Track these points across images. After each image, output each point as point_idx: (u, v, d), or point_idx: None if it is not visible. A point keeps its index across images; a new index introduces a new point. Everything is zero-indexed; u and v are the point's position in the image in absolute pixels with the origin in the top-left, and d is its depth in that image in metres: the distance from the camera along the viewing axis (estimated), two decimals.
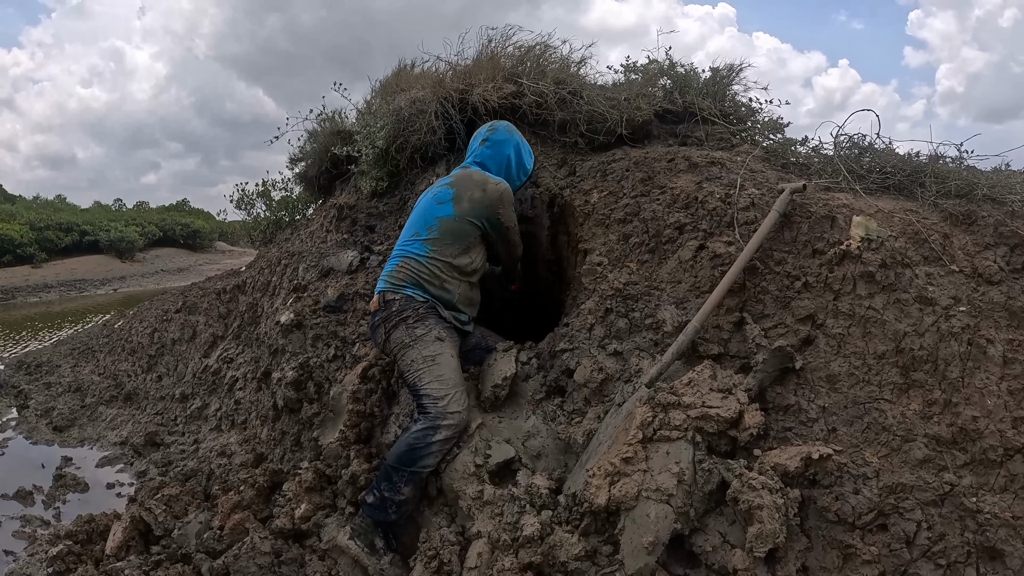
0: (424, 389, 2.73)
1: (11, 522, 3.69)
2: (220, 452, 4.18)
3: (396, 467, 2.64)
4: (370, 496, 2.69)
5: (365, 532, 2.67)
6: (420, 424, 2.67)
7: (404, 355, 2.83)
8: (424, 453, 2.62)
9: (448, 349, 2.84)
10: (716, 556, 2.09)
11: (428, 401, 2.70)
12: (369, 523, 2.67)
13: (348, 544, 2.65)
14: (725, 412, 2.26)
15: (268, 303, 4.86)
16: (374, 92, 5.09)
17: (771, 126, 3.98)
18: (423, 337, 2.82)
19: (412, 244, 3.01)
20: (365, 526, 2.68)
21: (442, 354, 2.80)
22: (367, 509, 2.69)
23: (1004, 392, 2.15)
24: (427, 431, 2.64)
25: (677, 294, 2.79)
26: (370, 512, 2.67)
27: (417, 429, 2.66)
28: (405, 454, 2.63)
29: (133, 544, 3.09)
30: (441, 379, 2.73)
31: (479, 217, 3.01)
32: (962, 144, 3.09)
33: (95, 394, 6.28)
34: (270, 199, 7.30)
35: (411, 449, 2.63)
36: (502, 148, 3.23)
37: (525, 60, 4.05)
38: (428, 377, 2.74)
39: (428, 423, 2.65)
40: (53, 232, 24.27)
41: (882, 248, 2.47)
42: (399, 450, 2.66)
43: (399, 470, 2.63)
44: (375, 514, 2.67)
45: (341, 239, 4.45)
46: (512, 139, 3.26)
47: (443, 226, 2.99)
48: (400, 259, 3.00)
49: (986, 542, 1.94)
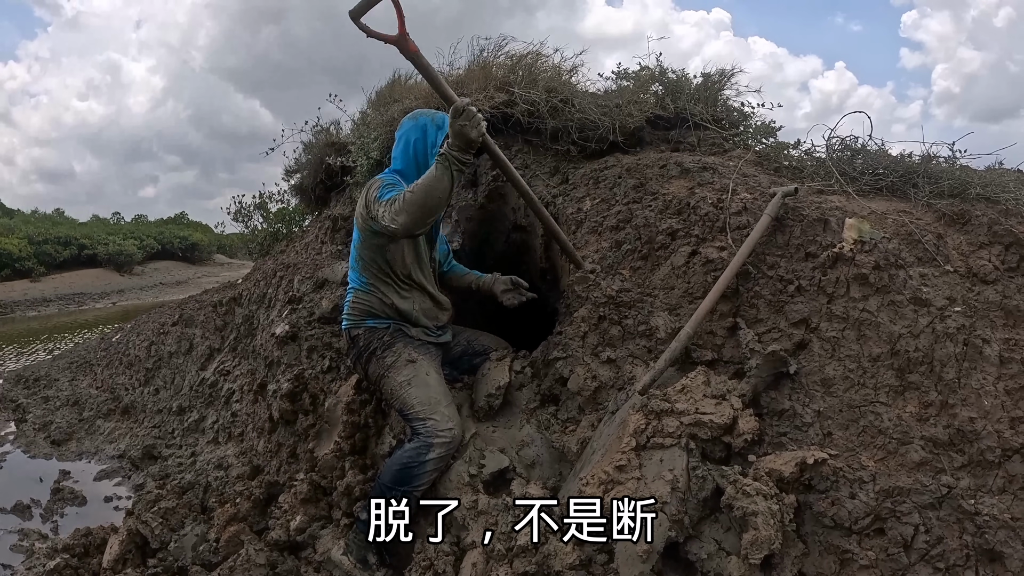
0: (409, 412, 2.69)
1: (9, 536, 3.68)
2: (217, 464, 4.17)
3: (391, 487, 2.59)
4: (364, 513, 2.65)
5: (358, 547, 2.64)
6: (413, 443, 2.63)
7: (383, 385, 2.80)
8: (418, 472, 2.57)
9: (424, 367, 2.77)
10: (712, 563, 2.07)
11: (417, 423, 2.65)
12: (363, 538, 2.64)
13: (341, 559, 2.64)
14: (719, 418, 2.25)
15: (264, 315, 4.86)
16: (368, 103, 5.10)
17: (763, 130, 3.98)
18: (394, 364, 2.77)
19: (352, 275, 2.93)
20: (359, 541, 2.65)
21: (417, 375, 2.74)
22: (360, 525, 2.66)
23: (1001, 392, 2.14)
24: (420, 450, 2.59)
25: (670, 300, 2.78)
26: (364, 528, 2.63)
27: (410, 448, 2.62)
28: (399, 473, 2.59)
29: (130, 557, 3.08)
30: (422, 400, 2.68)
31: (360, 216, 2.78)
32: (954, 144, 3.09)
33: (93, 407, 6.27)
34: (267, 211, 7.31)
35: (405, 468, 2.58)
36: (404, 138, 2.88)
37: (517, 69, 4.06)
38: (411, 400, 2.69)
39: (420, 443, 2.61)
40: (51, 246, 24.30)
41: (875, 250, 2.47)
42: (393, 469, 2.61)
43: (392, 489, 2.58)
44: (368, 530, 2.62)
45: (336, 250, 4.46)
46: (411, 124, 2.90)
47: (357, 246, 2.86)
48: (351, 293, 2.92)
49: (985, 544, 1.92)
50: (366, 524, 2.61)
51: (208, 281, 22.26)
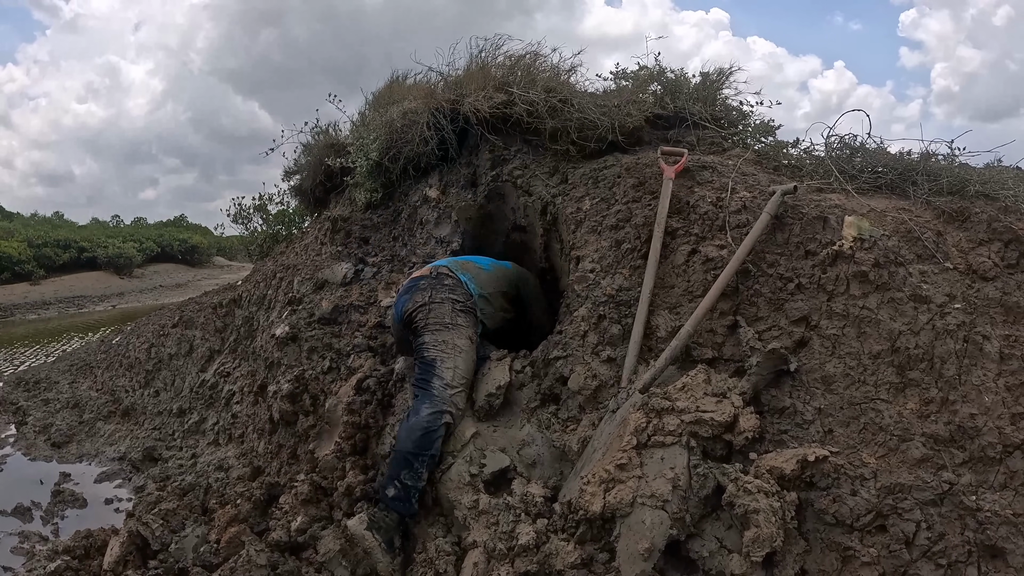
0: (439, 370, 2.77)
1: (9, 538, 3.68)
2: (218, 466, 4.16)
3: (416, 453, 2.63)
4: (390, 489, 2.64)
5: (387, 528, 2.58)
6: (428, 408, 2.70)
7: (436, 331, 2.88)
8: (436, 436, 2.67)
9: (472, 352, 2.92)
10: (713, 561, 2.06)
11: (439, 383, 2.74)
12: (395, 519, 2.61)
13: (365, 534, 2.54)
14: (720, 416, 2.25)
15: (264, 316, 4.86)
16: (367, 104, 5.10)
17: (762, 129, 3.98)
18: (461, 327, 2.92)
19: (480, 260, 3.27)
20: (389, 522, 2.60)
21: (467, 352, 2.88)
22: (392, 504, 2.62)
23: (1002, 388, 2.14)
24: (436, 415, 2.69)
25: (670, 299, 2.77)
26: (396, 506, 2.61)
27: (428, 413, 2.69)
28: (423, 439, 2.65)
29: (131, 559, 3.07)
30: (458, 371, 2.81)
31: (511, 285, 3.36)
32: (953, 142, 3.09)
33: (93, 410, 6.26)
34: (267, 213, 7.31)
35: (427, 432, 2.66)
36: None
37: (515, 69, 4.06)
38: (449, 363, 2.80)
39: (436, 407, 2.69)
40: (51, 249, 24.25)
41: (875, 247, 2.47)
42: (415, 436, 2.66)
43: (419, 455, 2.63)
44: (401, 507, 2.62)
45: (335, 251, 4.46)
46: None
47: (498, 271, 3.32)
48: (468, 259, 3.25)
49: (987, 540, 1.92)
50: (397, 501, 2.61)
51: (208, 283, 22.24)
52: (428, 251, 4.03)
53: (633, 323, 2.73)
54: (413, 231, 4.34)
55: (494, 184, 3.95)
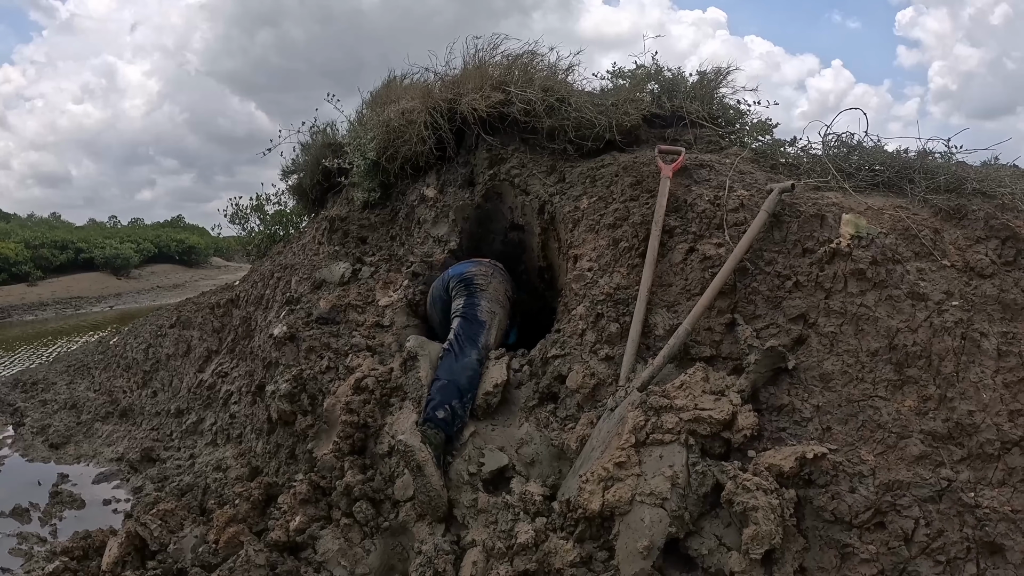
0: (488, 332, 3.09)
1: (8, 539, 3.66)
2: (216, 466, 4.15)
3: (467, 388, 2.85)
4: (441, 412, 2.79)
5: (437, 445, 2.71)
6: (476, 356, 2.97)
7: (492, 301, 3.22)
8: (478, 382, 2.90)
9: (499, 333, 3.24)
10: (712, 559, 2.06)
11: (484, 341, 3.03)
12: (442, 439, 2.74)
13: (420, 446, 2.65)
14: (718, 414, 2.25)
15: (262, 316, 4.84)
16: (365, 104, 5.09)
17: (760, 127, 3.98)
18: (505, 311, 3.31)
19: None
20: (439, 440, 2.73)
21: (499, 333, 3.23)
22: (440, 424, 2.76)
23: (999, 385, 2.14)
24: (480, 363, 2.94)
25: (668, 297, 2.78)
26: (443, 426, 2.76)
27: (476, 360, 2.96)
28: (471, 379, 2.89)
29: (129, 560, 3.06)
30: (490, 332, 3.14)
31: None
32: (950, 140, 3.10)
33: (91, 411, 6.24)
34: (264, 213, 7.30)
35: (475, 375, 2.90)
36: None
37: (513, 68, 4.05)
38: (494, 331, 3.17)
39: (478, 354, 2.97)
40: (48, 250, 24.17)
41: (872, 245, 2.47)
42: (468, 373, 2.89)
43: (468, 391, 2.85)
44: (447, 427, 2.77)
45: (333, 251, 4.45)
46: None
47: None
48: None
49: (986, 537, 1.92)
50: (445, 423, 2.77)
51: (205, 284, 22.17)
52: (426, 250, 4.03)
53: (631, 321, 2.73)
54: (411, 230, 4.34)
55: (491, 183, 3.95)
